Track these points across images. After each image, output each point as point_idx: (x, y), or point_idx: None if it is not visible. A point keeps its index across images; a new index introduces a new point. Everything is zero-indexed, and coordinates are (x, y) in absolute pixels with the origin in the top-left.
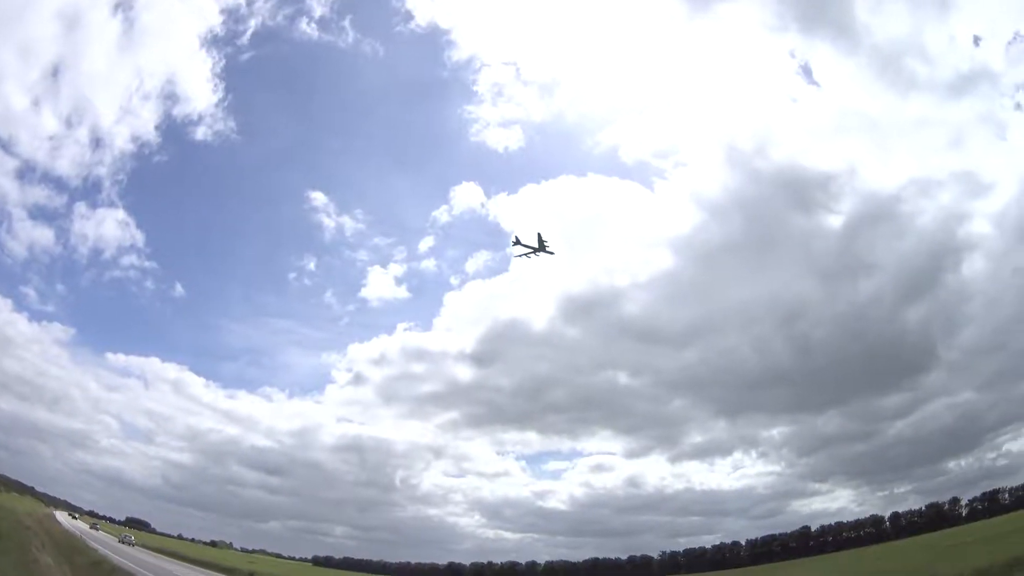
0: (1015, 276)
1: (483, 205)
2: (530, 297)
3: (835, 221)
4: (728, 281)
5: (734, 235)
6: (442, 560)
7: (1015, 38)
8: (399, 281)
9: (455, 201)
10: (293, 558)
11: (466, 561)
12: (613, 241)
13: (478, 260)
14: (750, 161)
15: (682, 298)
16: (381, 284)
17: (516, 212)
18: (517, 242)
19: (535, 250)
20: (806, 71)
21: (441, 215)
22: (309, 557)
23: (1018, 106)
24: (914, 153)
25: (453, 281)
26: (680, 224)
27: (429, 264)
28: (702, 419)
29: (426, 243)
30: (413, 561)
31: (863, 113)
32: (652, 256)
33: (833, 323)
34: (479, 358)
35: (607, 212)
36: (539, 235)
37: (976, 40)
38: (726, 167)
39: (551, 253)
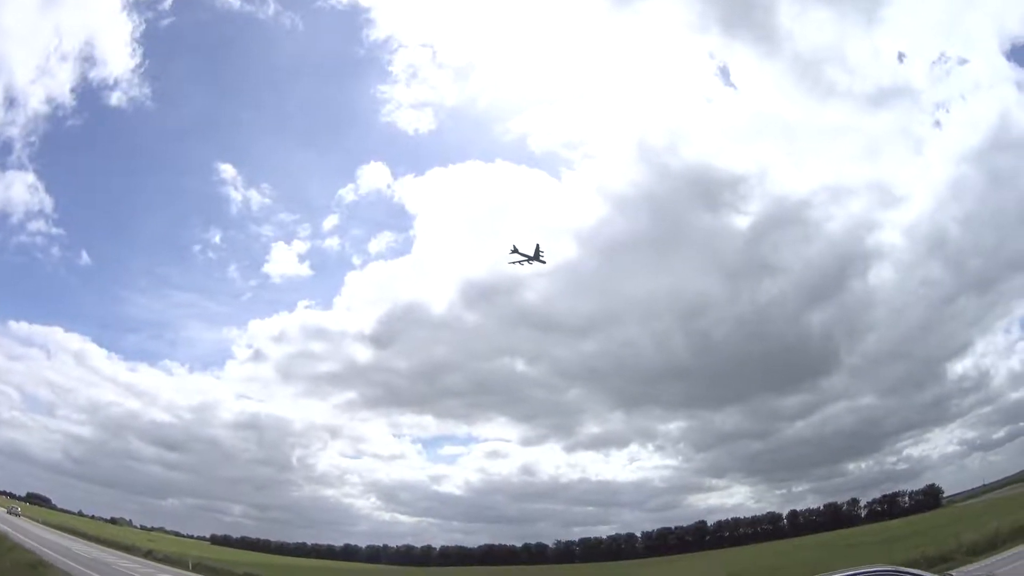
0: (922, 287)
1: (389, 186)
2: (431, 280)
3: (742, 222)
4: (630, 275)
5: (639, 229)
6: (338, 542)
7: (940, 58)
8: (302, 258)
9: (362, 180)
10: (192, 536)
11: (362, 543)
12: (517, 228)
13: (381, 241)
14: (660, 158)
15: (583, 289)
16: (284, 261)
17: (422, 194)
18: (515, 250)
19: (529, 258)
20: (724, 73)
21: (347, 194)
22: (207, 536)
23: (937, 123)
24: (828, 160)
25: (355, 261)
26: (585, 215)
27: (332, 243)
28: (599, 410)
29: (331, 221)
30: (310, 542)
31: (779, 118)
32: (555, 245)
33: (735, 322)
34: (378, 339)
35: (513, 199)
36: (537, 246)
37: (901, 56)
38: (636, 162)
39: (543, 263)
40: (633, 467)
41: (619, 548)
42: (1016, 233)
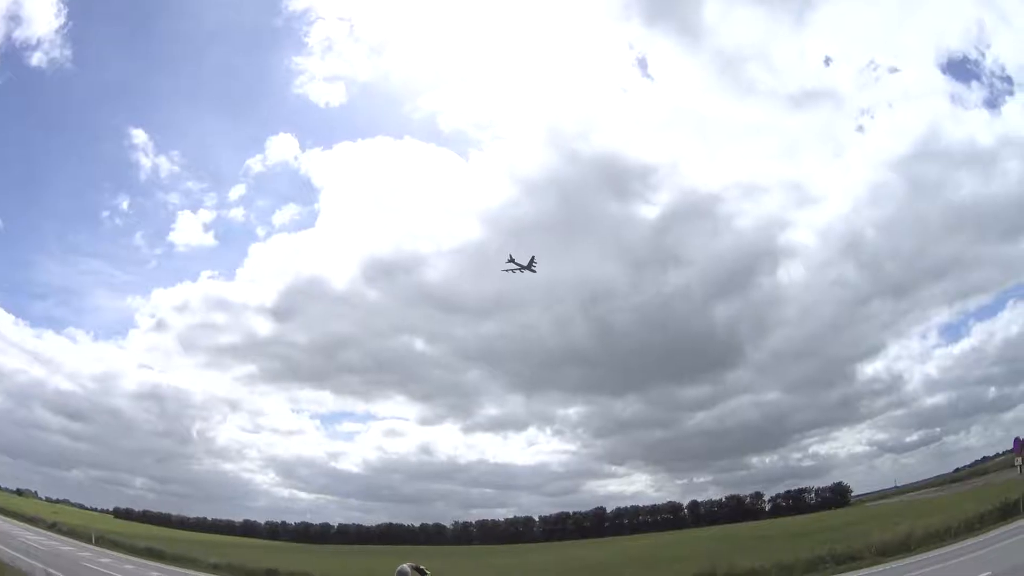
0: (832, 288)
1: (297, 158)
2: (334, 255)
3: (650, 212)
4: (534, 258)
5: (546, 214)
6: (238, 517)
7: (870, 65)
8: (207, 228)
9: (270, 151)
10: (95, 509)
11: (261, 519)
12: (422, 207)
13: (286, 213)
14: (571, 143)
15: (486, 270)
16: (189, 230)
17: (329, 168)
18: (511, 259)
19: (522, 268)
20: (642, 64)
21: (255, 164)
22: (111, 509)
23: (860, 128)
24: (743, 157)
25: (260, 232)
26: (492, 197)
27: (238, 213)
28: (497, 392)
29: (237, 191)
30: (210, 517)
31: (695, 112)
32: (460, 225)
33: (638, 311)
34: (279, 312)
35: (419, 177)
36: (532, 257)
37: (828, 60)
38: (545, 146)
39: (534, 272)
40: (532, 451)
41: (517, 531)
42: (936, 242)
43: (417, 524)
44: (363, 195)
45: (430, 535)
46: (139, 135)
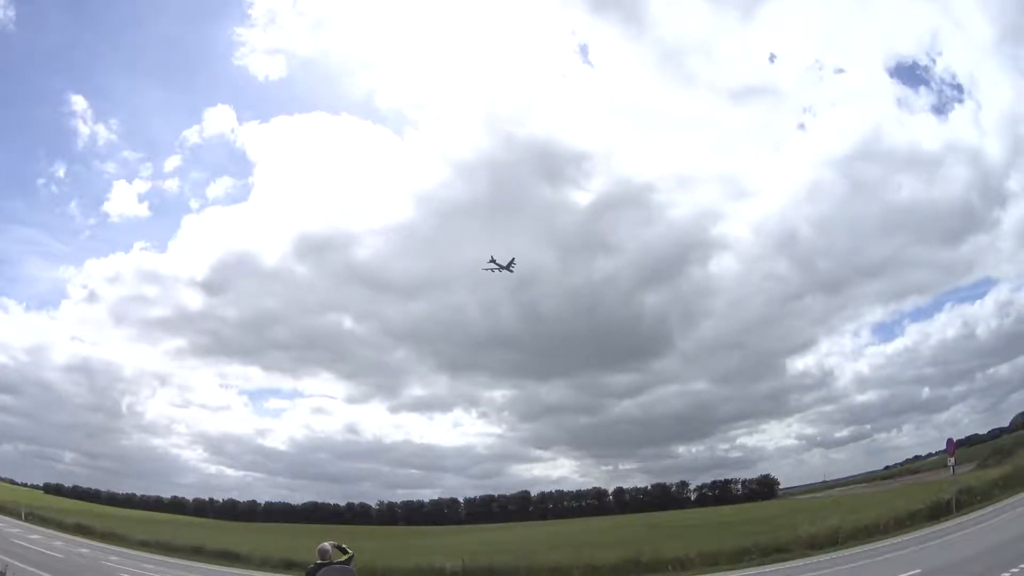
0: (765, 282)
1: (233, 131)
2: (266, 230)
3: (583, 198)
4: (465, 240)
5: (478, 196)
6: (166, 493)
7: (815, 64)
8: (141, 198)
9: (207, 123)
10: (25, 484)
11: (189, 496)
12: (356, 184)
13: (220, 186)
14: (507, 127)
15: (417, 250)
16: (124, 200)
17: (265, 142)
18: (492, 260)
19: (502, 267)
20: (584, 50)
21: (192, 135)
22: (40, 484)
23: (801, 126)
24: (680, 148)
25: (193, 204)
26: (425, 177)
27: (172, 184)
28: (424, 372)
29: (172, 162)
30: (139, 493)
31: (634, 101)
32: (392, 205)
33: (567, 296)
34: (210, 286)
35: (354, 154)
36: (512, 259)
37: (772, 57)
38: (481, 128)
39: (511, 272)
40: (457, 432)
41: (442, 513)
42: (873, 242)
43: (343, 503)
44: (298, 170)
45: (356, 515)
46: (79, 102)
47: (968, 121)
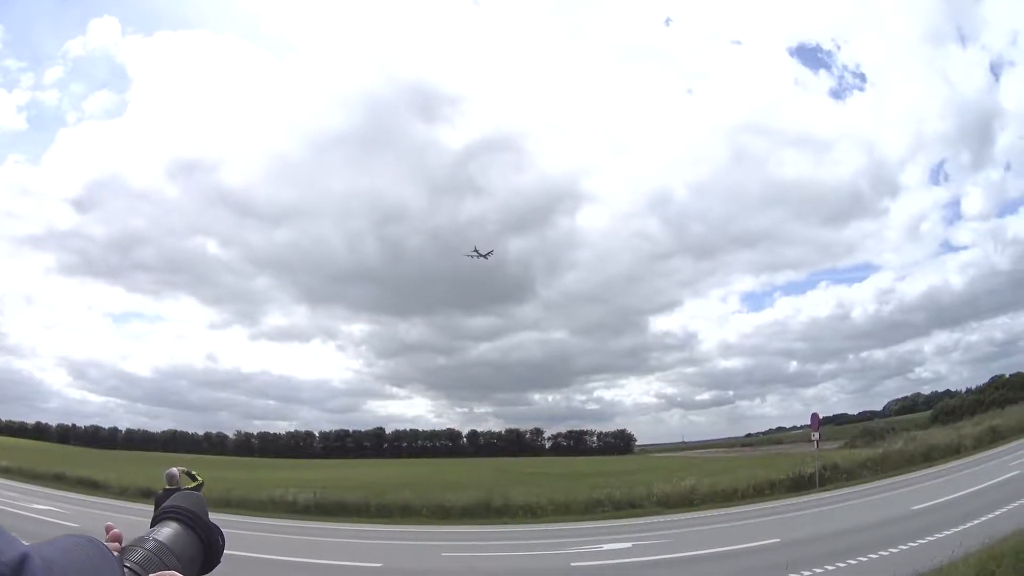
0: (633, 238)
1: (117, 44)
2: (139, 149)
3: (456, 139)
4: (334, 171)
5: (352, 128)
6: (30, 419)
7: (713, 34)
8: (20, 110)
9: (91, 34)
10: None
11: (52, 422)
12: (230, 107)
13: (97, 100)
14: (387, 61)
15: (286, 178)
16: (2, 110)
17: (146, 58)
18: (475, 249)
19: (481, 255)
20: None
21: (75, 47)
22: None
23: (690, 91)
24: (560, 99)
25: (70, 118)
26: (302, 105)
27: (52, 96)
28: (285, 301)
29: (54, 74)
30: (3, 418)
31: (520, 47)
32: (266, 130)
33: (430, 235)
34: (80, 203)
35: (233, 77)
36: (492, 251)
37: (668, 21)
38: (362, 60)
39: (487, 259)
40: (315, 365)
41: (298, 445)
42: (750, 213)
43: (201, 432)
44: (175, 89)
45: (213, 444)
46: None
47: (867, 110)
